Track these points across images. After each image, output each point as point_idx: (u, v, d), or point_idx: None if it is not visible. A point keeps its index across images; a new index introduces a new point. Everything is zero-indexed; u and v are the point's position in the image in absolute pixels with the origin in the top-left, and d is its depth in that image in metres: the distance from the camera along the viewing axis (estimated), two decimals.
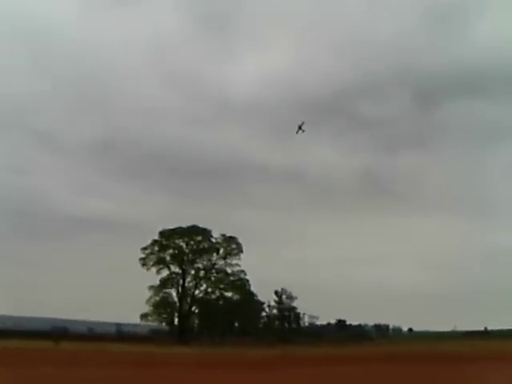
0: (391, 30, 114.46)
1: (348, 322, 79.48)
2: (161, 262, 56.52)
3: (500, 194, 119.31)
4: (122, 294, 73.03)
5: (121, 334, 59.91)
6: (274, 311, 66.78)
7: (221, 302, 57.88)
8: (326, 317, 75.56)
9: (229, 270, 57.42)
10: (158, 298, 55.89)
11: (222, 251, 57.33)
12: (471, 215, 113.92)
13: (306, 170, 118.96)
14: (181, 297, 56.42)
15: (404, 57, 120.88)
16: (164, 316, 56.85)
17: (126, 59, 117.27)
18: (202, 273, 57.35)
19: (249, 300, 59.74)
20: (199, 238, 56.95)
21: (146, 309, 55.21)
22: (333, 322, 79.23)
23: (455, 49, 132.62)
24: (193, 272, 57.30)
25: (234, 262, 57.36)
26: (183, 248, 57.24)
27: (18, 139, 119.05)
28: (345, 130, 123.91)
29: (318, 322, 72.88)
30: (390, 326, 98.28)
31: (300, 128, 45.45)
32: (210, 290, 57.64)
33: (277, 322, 67.94)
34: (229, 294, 57.85)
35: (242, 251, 57.22)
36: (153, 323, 58.78)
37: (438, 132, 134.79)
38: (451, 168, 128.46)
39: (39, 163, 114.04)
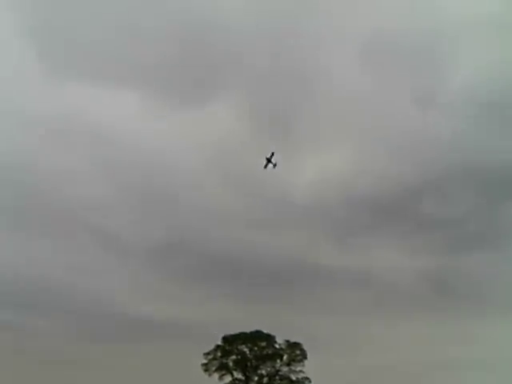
0: (448, 128, 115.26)
1: None
2: (223, 368, 55.95)
3: None
4: None
5: None
6: None
7: None
8: None
9: (293, 377, 56.21)
10: None
11: (285, 357, 56.50)
12: None
13: (370, 272, 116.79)
14: None
15: (464, 155, 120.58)
16: None
17: (188, 162, 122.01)
18: (265, 379, 56.23)
19: None
20: (263, 344, 56.39)
21: None
22: None
23: None
24: (256, 378, 56.26)
25: (299, 368, 56.37)
26: (246, 354, 56.64)
27: (83, 241, 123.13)
28: (407, 231, 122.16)
29: None
30: None
31: (269, 161, 43.01)
32: None
33: None
34: None
35: (306, 357, 56.38)
36: None
37: (504, 230, 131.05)
38: None
39: (103, 265, 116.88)
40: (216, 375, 55.48)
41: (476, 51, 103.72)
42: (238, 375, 56.05)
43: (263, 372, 56.36)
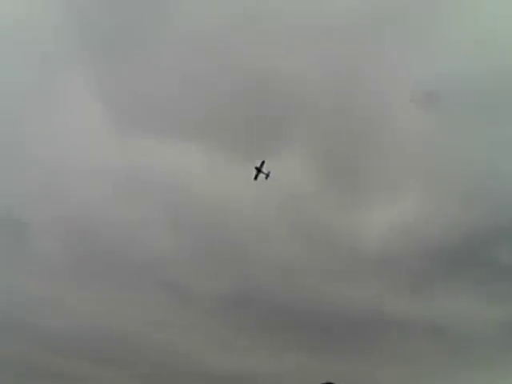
0: None
1: None
2: None
3: None
4: None
5: None
6: None
7: None
8: None
9: None
10: None
11: None
12: None
13: (445, 322, 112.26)
14: None
15: None
16: None
17: (255, 214, 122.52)
18: None
19: None
20: None
21: None
22: None
23: None
24: None
25: None
26: None
27: (152, 293, 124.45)
28: (483, 279, 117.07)
29: None
30: None
31: (260, 171, 39.28)
32: None
33: None
34: None
35: None
36: None
37: None
38: None
39: (171, 316, 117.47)
40: None
41: None
42: None
43: None
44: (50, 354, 78.99)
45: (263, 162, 36.74)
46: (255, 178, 38.91)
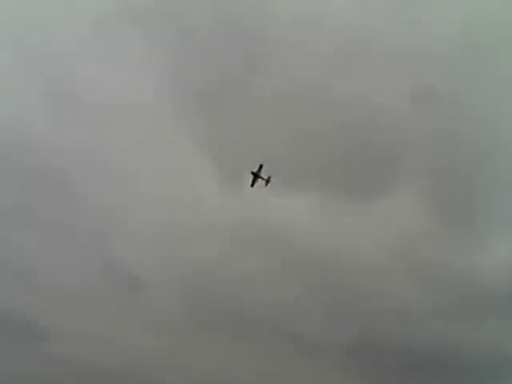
0: None
1: None
2: None
3: None
4: None
5: None
6: None
7: None
8: None
9: None
10: None
11: None
12: None
13: None
14: None
15: None
16: None
17: (371, 257, 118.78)
18: None
19: None
20: None
21: None
22: None
23: None
24: None
25: None
26: None
27: (274, 344, 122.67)
28: None
29: None
30: None
31: (257, 176, 34.52)
32: None
33: None
34: None
35: None
36: None
37: None
38: None
39: (294, 367, 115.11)
40: None
41: None
42: None
43: None
44: None
45: (261, 166, 33.54)
46: (252, 184, 36.11)
